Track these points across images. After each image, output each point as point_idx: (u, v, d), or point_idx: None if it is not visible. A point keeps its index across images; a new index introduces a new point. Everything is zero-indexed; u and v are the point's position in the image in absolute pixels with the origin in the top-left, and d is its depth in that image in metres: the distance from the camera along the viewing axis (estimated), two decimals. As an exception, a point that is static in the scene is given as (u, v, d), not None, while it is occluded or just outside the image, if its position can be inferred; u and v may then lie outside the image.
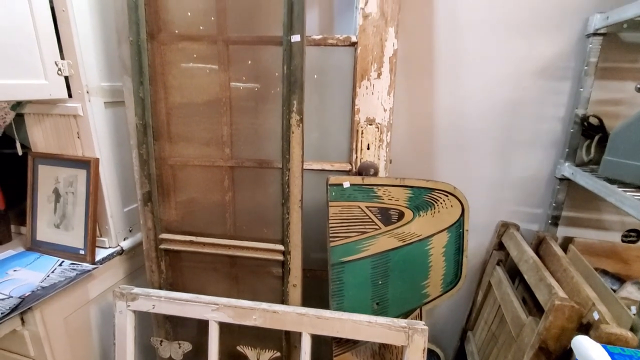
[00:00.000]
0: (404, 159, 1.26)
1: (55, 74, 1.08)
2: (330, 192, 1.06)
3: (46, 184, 1.25)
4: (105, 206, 1.25)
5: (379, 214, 1.10)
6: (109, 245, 1.30)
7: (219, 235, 1.14)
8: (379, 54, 1.06)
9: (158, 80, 1.07)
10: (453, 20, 1.12)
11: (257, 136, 1.09)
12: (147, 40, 1.02)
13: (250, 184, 1.14)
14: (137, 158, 1.12)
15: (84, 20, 1.09)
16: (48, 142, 1.23)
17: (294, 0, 0.92)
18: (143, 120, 1.07)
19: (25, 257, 1.23)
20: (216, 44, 1.03)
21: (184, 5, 1.03)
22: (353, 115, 1.12)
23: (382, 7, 1.03)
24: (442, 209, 1.15)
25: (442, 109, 1.21)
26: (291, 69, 0.95)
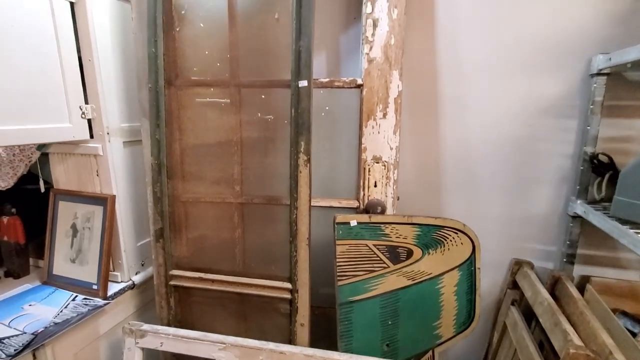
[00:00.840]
0: (412, 196, 1.26)
1: (79, 117, 1.16)
2: (337, 231, 1.06)
3: (65, 220, 1.30)
4: (120, 241, 1.28)
5: (387, 252, 1.09)
6: (121, 280, 1.32)
7: (228, 271, 1.15)
8: (384, 95, 1.09)
9: (174, 123, 1.13)
10: (455, 62, 1.16)
11: (267, 174, 1.12)
12: (165, 86, 1.08)
13: (260, 220, 1.16)
14: (152, 195, 1.16)
15: (107, 68, 1.18)
16: (69, 179, 1.29)
17: (301, 48, 0.97)
18: (158, 160, 1.12)
19: (41, 291, 1.26)
20: (229, 88, 1.09)
21: (200, 54, 1.10)
22: (360, 153, 1.14)
23: (386, 52, 1.07)
24: (452, 246, 1.13)
25: (448, 147, 1.22)
26: (299, 111, 0.99)
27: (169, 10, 1.07)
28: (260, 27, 1.05)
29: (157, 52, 1.06)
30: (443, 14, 1.14)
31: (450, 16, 1.14)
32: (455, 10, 1.14)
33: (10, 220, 1.31)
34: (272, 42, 1.05)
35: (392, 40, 1.06)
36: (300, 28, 0.96)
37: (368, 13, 1.06)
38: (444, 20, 1.15)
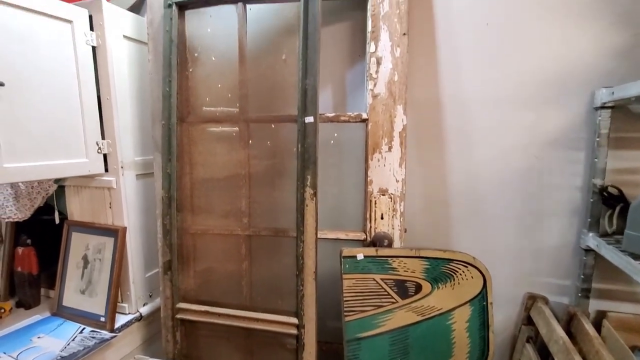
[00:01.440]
0: (420, 228, 1.26)
1: (95, 152, 1.21)
2: (343, 265, 1.06)
3: (77, 251, 1.33)
4: (129, 272, 1.30)
5: (395, 287, 1.07)
6: (128, 312, 1.32)
7: (234, 305, 1.14)
8: (388, 129, 1.12)
9: (185, 157, 1.16)
10: (459, 96, 1.18)
11: (274, 207, 1.14)
12: (177, 123, 1.13)
13: (267, 253, 1.16)
14: (161, 227, 1.18)
15: (124, 105, 1.24)
16: (83, 211, 1.33)
17: (307, 86, 1.01)
18: (169, 194, 1.15)
19: (50, 323, 1.27)
20: (238, 124, 1.13)
21: (211, 92, 1.15)
22: (366, 186, 1.15)
23: (390, 88, 1.10)
24: (462, 280, 1.11)
25: (455, 179, 1.22)
26: (305, 146, 1.02)
27: (183, 52, 1.14)
28: (269, 66, 1.10)
29: (170, 91, 1.11)
30: (445, 51, 1.18)
31: (453, 52, 1.18)
32: (457, 47, 1.17)
33: (25, 251, 1.35)
34: (279, 81, 1.09)
35: (395, 77, 1.10)
36: (306, 68, 1.00)
37: (372, 52, 1.10)
38: (446, 56, 1.18)
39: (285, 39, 1.08)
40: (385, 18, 1.09)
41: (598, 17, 1.07)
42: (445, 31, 1.17)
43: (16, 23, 0.99)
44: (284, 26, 1.08)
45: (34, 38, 1.03)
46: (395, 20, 1.08)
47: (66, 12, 1.09)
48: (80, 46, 1.13)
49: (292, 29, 1.05)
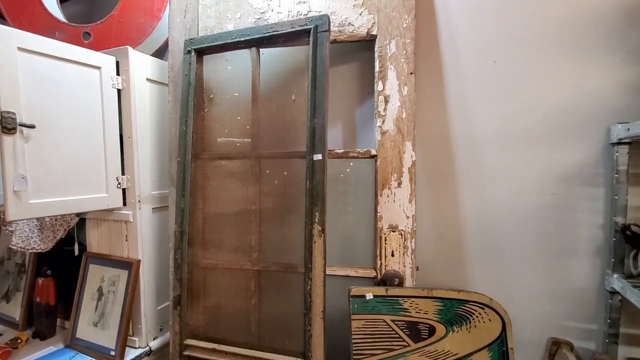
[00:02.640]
0: (432, 266, 1.22)
1: (115, 187, 1.26)
2: (352, 304, 1.03)
3: (93, 282, 1.36)
4: (141, 305, 1.31)
5: (406, 329, 1.03)
6: (138, 345, 1.32)
7: (242, 343, 1.12)
8: (397, 165, 1.12)
9: (198, 192, 1.20)
10: (469, 133, 1.18)
11: (283, 243, 1.14)
12: (192, 159, 1.18)
13: (275, 289, 1.15)
14: (173, 262, 1.20)
15: (144, 142, 1.30)
16: (101, 243, 1.37)
17: (315, 125, 1.04)
18: (181, 228, 1.18)
19: (63, 356, 1.28)
20: (250, 159, 1.16)
21: (225, 130, 1.20)
22: (376, 221, 1.14)
23: (398, 125, 1.12)
24: (478, 323, 1.05)
25: (468, 215, 1.19)
26: (313, 183, 1.03)
27: (200, 94, 1.20)
28: (279, 106, 1.14)
29: (187, 129, 1.17)
30: (454, 89, 1.19)
31: (461, 90, 1.19)
32: (465, 85, 1.18)
33: (45, 282, 1.39)
34: (289, 119, 1.13)
35: (403, 114, 1.11)
36: (314, 107, 1.03)
37: (379, 90, 1.13)
38: (455, 94, 1.20)
39: (294, 80, 1.13)
40: (392, 59, 1.12)
41: (609, 53, 1.07)
42: (453, 69, 1.19)
43: (50, 70, 1.09)
44: (294, 68, 1.13)
45: (64, 83, 1.12)
46: (402, 61, 1.11)
47: (96, 59, 1.19)
48: (106, 89, 1.22)
49: (302, 70, 1.10)
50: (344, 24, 1.15)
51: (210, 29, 1.24)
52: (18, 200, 1.02)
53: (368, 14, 1.13)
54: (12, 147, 1.01)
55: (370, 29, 1.13)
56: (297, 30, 1.06)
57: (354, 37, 1.14)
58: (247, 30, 1.12)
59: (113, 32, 1.42)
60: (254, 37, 1.11)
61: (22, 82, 1.03)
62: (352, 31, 1.14)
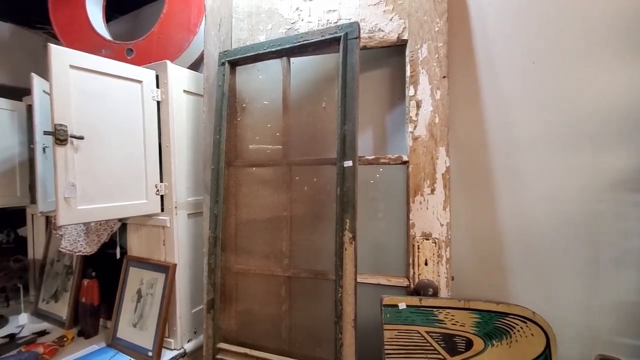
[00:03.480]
0: (469, 276, 1.16)
1: (154, 194, 1.33)
2: (384, 314, 1.00)
3: (133, 285, 1.43)
4: (176, 308, 1.35)
5: (442, 342, 0.99)
6: (174, 347, 1.36)
7: (273, 349, 1.13)
8: (430, 171, 1.09)
9: (231, 199, 1.23)
10: (507, 137, 1.12)
11: (314, 250, 1.14)
12: (225, 167, 1.21)
13: (306, 296, 1.15)
14: (207, 266, 1.24)
15: (180, 151, 1.36)
16: (140, 247, 1.44)
17: (346, 132, 1.03)
18: (215, 234, 1.21)
19: (105, 354, 1.35)
20: (281, 167, 1.18)
21: (257, 138, 1.23)
22: (408, 229, 1.11)
23: (431, 130, 1.09)
24: (520, 337, 0.99)
25: (508, 223, 1.13)
26: (344, 190, 1.02)
27: (233, 104, 1.24)
28: (310, 113, 1.15)
29: (220, 138, 1.21)
30: (489, 91, 1.15)
31: (497, 93, 1.14)
32: (502, 88, 1.14)
33: (90, 283, 1.48)
34: (319, 127, 1.13)
35: (436, 119, 1.09)
36: (344, 114, 1.03)
37: (411, 95, 1.11)
38: (490, 97, 1.15)
39: (325, 88, 1.13)
40: (424, 63, 1.10)
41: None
42: (488, 71, 1.15)
43: (97, 85, 1.17)
44: (324, 76, 1.14)
45: (110, 97, 1.20)
46: (435, 64, 1.09)
47: (138, 74, 1.27)
48: (147, 102, 1.29)
49: (332, 78, 1.10)
50: (373, 30, 1.14)
51: (243, 41, 1.28)
52: (68, 206, 1.09)
53: (399, 19, 1.12)
54: (64, 157, 1.09)
55: (401, 34, 1.12)
56: (327, 39, 1.07)
57: (384, 43, 1.14)
58: (278, 41, 1.15)
59: (153, 48, 1.51)
60: (285, 47, 1.14)
61: (73, 96, 1.11)
62: (382, 37, 1.14)
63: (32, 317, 1.67)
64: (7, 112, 1.72)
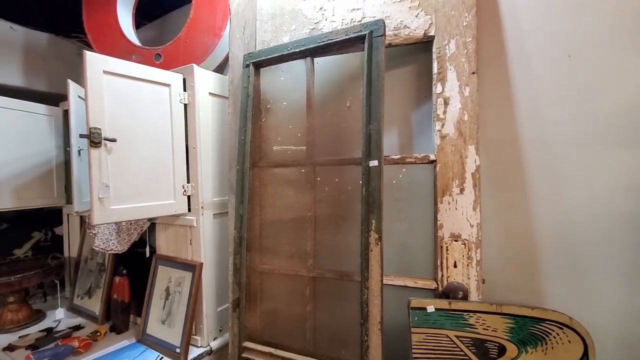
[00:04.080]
0: (500, 279, 1.12)
1: (181, 195, 1.36)
2: (412, 317, 0.98)
3: (161, 283, 1.47)
4: (203, 306, 1.38)
5: (472, 347, 0.95)
6: (200, 345, 1.39)
7: (297, 350, 1.12)
8: (459, 170, 1.06)
9: (255, 199, 1.24)
10: (541, 134, 1.07)
11: (338, 250, 1.13)
12: (250, 167, 1.22)
13: (331, 297, 1.14)
14: (232, 266, 1.25)
15: (206, 152, 1.39)
16: (168, 246, 1.48)
17: (371, 131, 1.02)
18: (240, 234, 1.22)
19: (135, 349, 1.39)
20: (305, 167, 1.18)
21: (281, 138, 1.23)
22: (436, 230, 1.08)
23: (460, 128, 1.06)
24: (556, 344, 0.94)
25: (543, 224, 1.07)
26: (369, 190, 1.01)
27: (258, 105, 1.25)
28: (334, 113, 1.14)
29: (245, 139, 1.22)
30: (522, 87, 1.10)
31: (531, 88, 1.09)
32: (535, 83, 1.08)
33: (121, 281, 1.53)
34: (343, 126, 1.12)
35: (465, 117, 1.05)
36: (370, 113, 1.02)
37: (438, 93, 1.08)
38: (523, 93, 1.10)
39: (349, 87, 1.12)
40: (452, 59, 1.07)
41: None
42: (521, 66, 1.10)
43: (128, 89, 1.21)
44: (349, 75, 1.13)
45: (140, 100, 1.24)
46: (463, 60, 1.06)
47: (166, 77, 1.30)
48: (175, 104, 1.32)
49: (356, 77, 1.09)
50: (399, 27, 1.12)
51: (267, 43, 1.29)
52: (102, 206, 1.14)
53: (425, 15, 1.10)
54: (98, 159, 1.13)
55: (428, 30, 1.09)
56: (352, 37, 1.06)
57: (410, 40, 1.12)
58: (302, 41, 1.15)
59: (180, 52, 1.55)
60: (309, 47, 1.14)
61: (106, 101, 1.15)
62: (407, 34, 1.11)
63: (67, 312, 1.75)
64: (45, 117, 1.81)
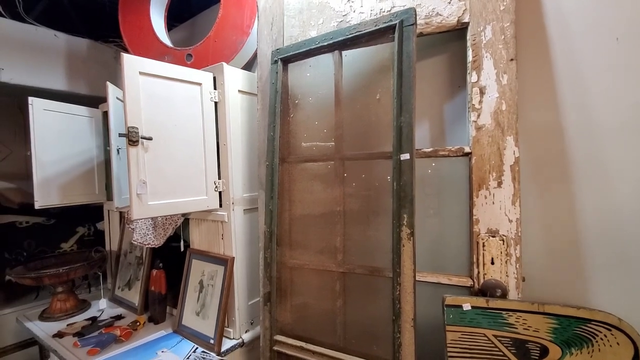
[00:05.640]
0: (542, 277, 1.05)
1: (213, 191, 1.39)
2: (447, 315, 0.95)
3: (195, 276, 1.52)
4: (235, 299, 1.41)
5: (512, 347, 0.91)
6: (233, 337, 1.42)
7: (328, 344, 1.12)
8: (497, 162, 1.01)
9: (285, 194, 1.25)
10: (587, 123, 0.99)
11: (369, 245, 1.11)
12: (279, 163, 1.23)
13: (361, 292, 1.13)
14: (263, 260, 1.27)
15: (236, 149, 1.41)
16: (201, 241, 1.53)
17: (402, 124, 0.99)
18: (270, 229, 1.24)
19: (171, 339, 1.45)
20: (334, 162, 1.17)
21: (309, 134, 1.23)
22: (471, 226, 1.04)
23: (497, 118, 1.01)
24: (603, 347, 0.88)
25: (588, 219, 1.00)
26: (401, 184, 0.99)
27: (286, 101, 1.25)
28: (363, 106, 1.12)
29: (274, 135, 1.23)
30: (565, 73, 1.03)
31: (575, 74, 1.02)
32: (580, 69, 1.01)
33: (158, 273, 1.60)
34: (373, 120, 1.10)
35: (503, 106, 1.00)
36: (401, 105, 0.99)
37: (473, 82, 1.04)
38: (566, 79, 1.03)
39: (378, 79, 1.10)
40: (488, 46, 1.02)
41: None
42: (564, 52, 1.03)
43: (163, 89, 1.25)
44: (378, 67, 1.10)
45: (173, 99, 1.28)
46: (500, 47, 1.00)
47: (198, 77, 1.33)
48: (206, 103, 1.36)
49: (386, 69, 1.07)
50: (430, 15, 1.08)
51: (295, 38, 1.29)
52: (140, 202, 1.19)
53: (458, 1, 1.05)
54: (136, 156, 1.18)
55: (462, 16, 1.04)
56: (381, 28, 1.03)
57: (443, 28, 1.07)
58: (330, 34, 1.14)
59: (210, 51, 1.58)
60: (337, 40, 1.12)
61: (142, 100, 1.20)
62: (440, 22, 1.07)
63: (109, 302, 1.85)
64: (86, 118, 1.92)
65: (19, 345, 2.04)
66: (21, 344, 2.05)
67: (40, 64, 1.95)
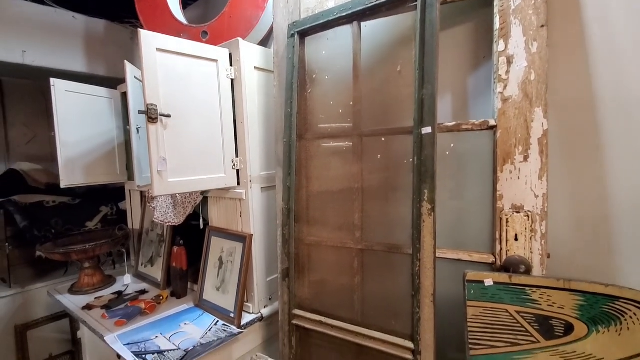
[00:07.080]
0: (568, 254, 1.02)
1: (231, 169, 1.40)
2: (468, 290, 0.94)
3: (215, 253, 1.55)
4: (253, 275, 1.44)
5: (535, 323, 0.90)
6: (252, 311, 1.46)
7: (347, 319, 1.14)
8: (524, 135, 0.97)
9: (302, 171, 1.24)
10: (621, 94, 0.93)
11: (387, 222, 1.10)
12: (297, 140, 1.22)
13: (379, 269, 1.13)
14: (281, 237, 1.28)
15: (253, 126, 1.41)
16: (220, 218, 1.55)
17: (424, 96, 0.96)
18: (288, 205, 1.24)
19: (193, 313, 1.50)
20: (352, 138, 1.15)
21: (327, 109, 1.21)
22: (495, 201, 1.01)
23: (525, 89, 0.96)
24: (632, 325, 0.85)
25: (620, 195, 0.95)
26: (422, 159, 0.96)
27: (303, 76, 1.23)
28: (382, 80, 1.09)
29: (292, 111, 1.21)
30: (599, 41, 0.96)
31: (609, 42, 0.95)
32: (615, 36, 0.93)
33: (179, 250, 1.64)
34: (393, 93, 1.07)
35: (532, 76, 0.95)
36: (423, 77, 0.95)
37: (500, 51, 0.99)
38: (600, 47, 0.96)
39: (399, 51, 1.06)
40: (517, 12, 0.96)
41: None
42: (597, 18, 0.96)
43: (180, 66, 1.25)
44: (399, 38, 1.06)
45: (190, 76, 1.27)
46: (530, 12, 0.94)
47: (214, 53, 1.32)
48: (222, 80, 1.35)
49: (407, 39, 1.03)
50: (455, -20, 1.03)
51: (312, 10, 1.25)
52: (160, 178, 1.20)
53: (486, -37, 0.99)
54: (155, 134, 1.19)
55: (489, -20, 0.98)
56: (403, -5, 0.99)
57: (468, -6, 1.02)
58: (349, 4, 1.10)
59: (225, 28, 1.56)
60: (356, 10, 1.08)
61: (160, 77, 1.20)
62: (465, -13, 1.02)
63: (133, 278, 1.93)
64: (105, 99, 1.94)
65: (51, 318, 2.16)
66: (53, 317, 2.17)
67: (60, 45, 1.98)
